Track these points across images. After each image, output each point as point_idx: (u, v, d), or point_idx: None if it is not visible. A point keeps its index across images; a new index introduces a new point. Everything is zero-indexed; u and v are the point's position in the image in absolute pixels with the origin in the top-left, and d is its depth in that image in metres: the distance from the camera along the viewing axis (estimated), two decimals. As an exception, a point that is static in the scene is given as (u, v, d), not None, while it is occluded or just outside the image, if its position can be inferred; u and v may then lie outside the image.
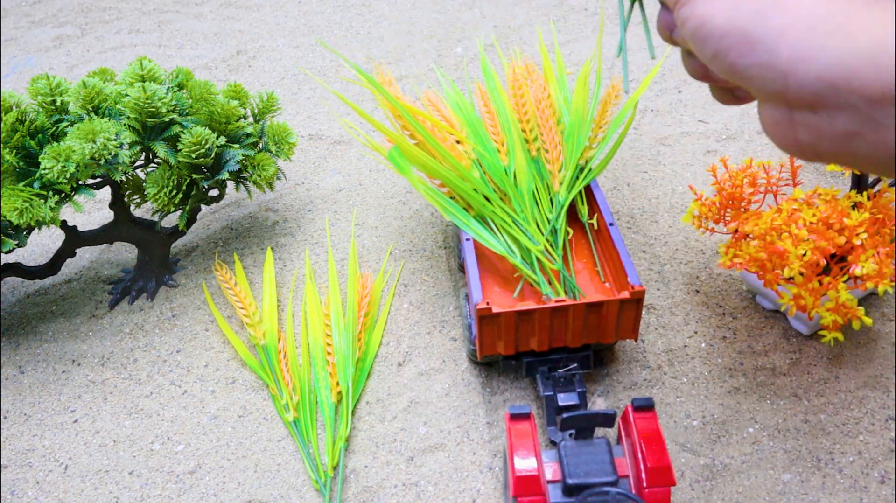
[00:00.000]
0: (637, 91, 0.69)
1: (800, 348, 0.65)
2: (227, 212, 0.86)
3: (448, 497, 0.56)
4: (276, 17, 1.27)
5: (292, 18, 1.26)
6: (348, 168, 0.90)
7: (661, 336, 0.67)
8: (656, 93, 0.98)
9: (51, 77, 0.65)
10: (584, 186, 0.66)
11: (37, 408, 0.66)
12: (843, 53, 0.24)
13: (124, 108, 0.64)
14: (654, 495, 0.47)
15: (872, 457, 0.56)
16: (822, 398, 0.61)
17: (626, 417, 0.51)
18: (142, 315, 0.74)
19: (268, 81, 1.09)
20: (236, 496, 0.58)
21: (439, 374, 0.65)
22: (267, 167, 0.71)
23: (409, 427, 0.61)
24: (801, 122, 0.27)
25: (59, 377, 0.69)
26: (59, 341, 0.72)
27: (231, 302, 0.71)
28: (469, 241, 0.61)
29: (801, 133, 0.27)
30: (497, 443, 0.60)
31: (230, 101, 0.69)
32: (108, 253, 0.82)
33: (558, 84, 0.73)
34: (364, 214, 0.83)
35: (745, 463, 0.57)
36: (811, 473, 0.56)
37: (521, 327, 0.56)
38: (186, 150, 0.65)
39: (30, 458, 0.62)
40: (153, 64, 0.69)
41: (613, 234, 0.61)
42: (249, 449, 0.61)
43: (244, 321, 0.68)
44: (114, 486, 0.59)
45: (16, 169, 0.62)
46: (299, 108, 1.02)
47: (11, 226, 0.63)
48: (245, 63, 1.14)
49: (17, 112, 0.62)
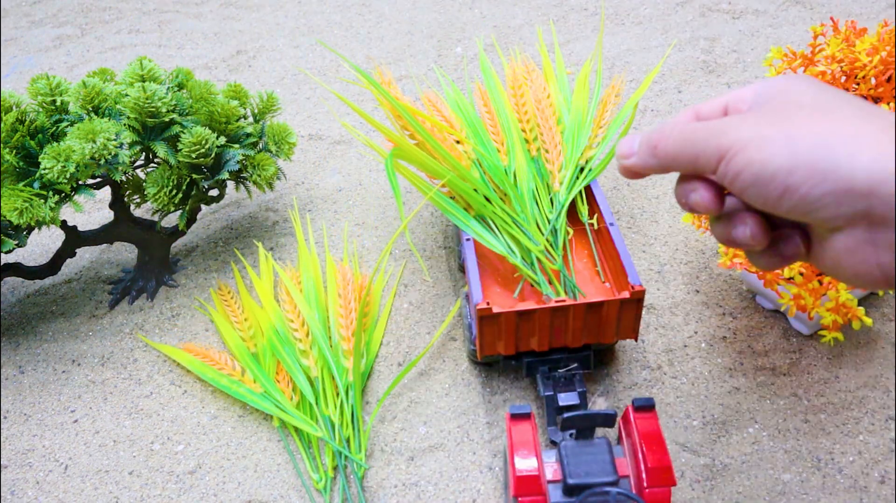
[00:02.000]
0: (637, 91, 0.69)
1: (800, 348, 0.65)
2: (227, 212, 0.86)
3: (448, 497, 0.56)
4: (276, 17, 1.27)
5: (292, 18, 1.26)
6: (348, 168, 0.90)
7: (661, 336, 0.67)
8: (656, 93, 0.98)
9: (51, 77, 0.65)
10: (584, 186, 0.66)
11: (37, 408, 0.66)
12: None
13: (124, 108, 0.64)
14: (655, 495, 0.47)
15: (872, 457, 0.56)
16: (822, 398, 0.61)
17: (627, 417, 0.51)
18: (142, 315, 0.74)
19: (268, 81, 1.09)
20: (236, 496, 0.58)
21: (439, 374, 0.65)
22: (267, 167, 0.71)
23: (409, 427, 0.61)
24: (884, 242, 0.27)
25: (59, 377, 0.69)
26: (59, 341, 0.72)
27: (228, 320, 0.71)
28: (469, 241, 0.61)
29: (884, 255, 0.27)
30: (497, 443, 0.60)
31: (230, 101, 0.69)
32: (108, 253, 0.82)
33: (558, 84, 0.73)
34: (364, 214, 0.83)
35: (745, 463, 0.57)
36: (811, 473, 0.56)
37: (521, 327, 0.56)
38: (186, 150, 0.65)
39: (30, 458, 0.62)
40: (153, 64, 0.69)
41: (613, 234, 0.61)
42: (249, 449, 0.61)
43: (240, 336, 0.68)
44: (114, 486, 0.59)
45: (16, 169, 0.62)
46: (299, 108, 1.02)
47: (11, 226, 0.63)
48: (245, 63, 1.14)
49: (17, 112, 0.62)
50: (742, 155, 0.29)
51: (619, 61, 1.06)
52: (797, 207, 0.28)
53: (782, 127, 0.28)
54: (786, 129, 0.28)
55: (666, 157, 0.32)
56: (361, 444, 0.59)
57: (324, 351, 0.63)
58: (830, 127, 0.28)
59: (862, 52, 0.60)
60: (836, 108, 0.29)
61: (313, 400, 0.61)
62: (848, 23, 0.65)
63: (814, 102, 0.29)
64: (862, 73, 0.61)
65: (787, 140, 0.28)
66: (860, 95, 0.65)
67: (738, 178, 0.29)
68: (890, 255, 0.27)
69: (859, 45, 0.60)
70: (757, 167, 0.28)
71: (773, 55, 0.66)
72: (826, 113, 0.28)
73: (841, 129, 0.27)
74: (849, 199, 0.27)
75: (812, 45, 0.65)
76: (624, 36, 1.12)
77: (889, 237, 0.27)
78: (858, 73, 0.61)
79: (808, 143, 0.27)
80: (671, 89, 0.98)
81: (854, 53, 0.61)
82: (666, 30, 1.12)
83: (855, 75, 0.62)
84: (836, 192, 0.27)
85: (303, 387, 0.62)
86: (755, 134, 0.29)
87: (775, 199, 0.28)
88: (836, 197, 0.27)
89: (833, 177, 0.27)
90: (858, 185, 0.26)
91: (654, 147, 0.33)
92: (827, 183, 0.27)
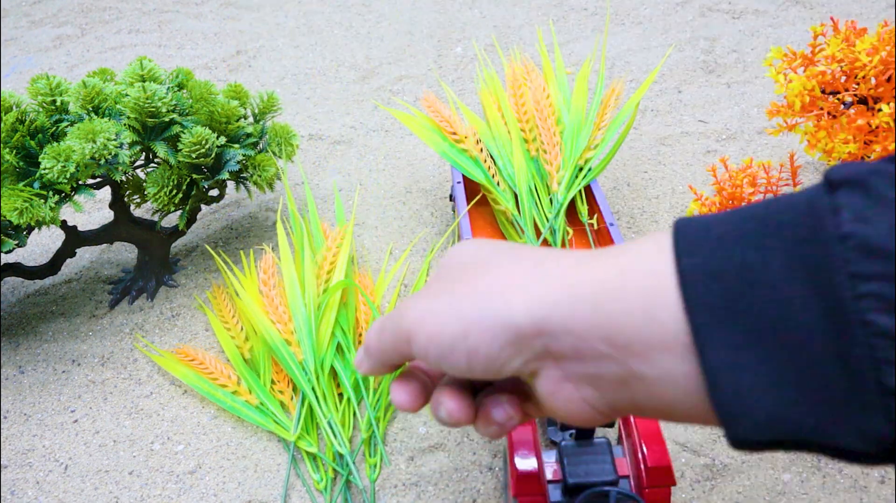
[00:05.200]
0: (637, 91, 0.69)
1: (800, 348, 0.65)
2: (227, 212, 0.86)
3: (448, 497, 0.56)
4: (276, 17, 1.27)
5: (292, 18, 1.26)
6: (348, 168, 0.90)
7: (661, 336, 0.67)
8: (656, 93, 0.98)
9: (51, 77, 0.65)
10: (584, 186, 0.66)
11: (37, 408, 0.66)
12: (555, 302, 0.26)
13: (124, 108, 0.64)
14: (655, 495, 0.47)
15: (872, 457, 0.56)
16: (822, 398, 0.61)
17: (627, 417, 0.51)
18: (142, 315, 0.74)
19: (268, 81, 1.09)
20: (236, 496, 0.58)
21: (439, 374, 0.65)
22: (267, 168, 0.71)
23: (409, 427, 0.61)
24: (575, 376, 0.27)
25: (59, 377, 0.69)
26: (59, 341, 0.72)
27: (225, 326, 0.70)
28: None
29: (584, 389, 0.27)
30: (497, 443, 0.60)
31: (230, 101, 0.69)
32: (108, 253, 0.82)
33: (558, 84, 0.73)
34: (364, 214, 0.83)
35: (745, 463, 0.57)
36: (811, 473, 0.56)
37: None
38: (186, 150, 0.65)
39: (30, 458, 0.62)
40: (153, 64, 0.69)
41: (613, 234, 0.61)
42: (249, 449, 0.61)
43: (235, 343, 0.68)
44: (114, 486, 0.59)
45: (16, 169, 0.62)
46: (299, 108, 1.02)
47: (11, 226, 0.63)
48: (245, 63, 1.14)
49: (17, 112, 0.62)
50: (422, 332, 0.28)
51: (620, 61, 1.06)
52: (489, 368, 0.27)
53: (448, 295, 0.28)
54: (451, 297, 0.28)
55: (375, 353, 0.32)
56: (377, 449, 0.59)
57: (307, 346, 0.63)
58: (487, 282, 0.28)
59: (862, 52, 0.60)
60: (495, 263, 0.29)
61: (315, 403, 0.61)
62: (848, 23, 0.65)
63: (475, 261, 0.29)
64: (862, 73, 0.61)
65: (453, 307, 0.28)
66: (860, 95, 0.65)
67: (427, 354, 0.29)
68: (588, 389, 0.27)
69: (859, 45, 0.60)
70: (436, 339, 0.28)
71: (773, 55, 0.66)
72: (484, 268, 0.29)
73: (496, 281, 0.27)
74: (525, 344, 0.26)
75: (812, 45, 0.65)
76: (624, 36, 1.12)
77: (578, 369, 0.26)
78: (858, 73, 0.61)
79: (470, 304, 0.27)
80: (671, 89, 0.98)
81: (854, 53, 0.61)
82: (666, 30, 1.12)
83: (855, 75, 0.62)
84: (511, 341, 0.26)
85: (304, 388, 0.62)
86: (427, 308, 0.29)
87: (465, 364, 0.28)
88: (513, 346, 0.27)
89: (501, 328, 0.26)
90: (525, 329, 0.26)
91: (368, 348, 0.32)
92: (499, 336, 0.27)
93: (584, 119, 0.70)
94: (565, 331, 0.25)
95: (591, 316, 0.25)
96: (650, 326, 0.24)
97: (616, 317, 0.25)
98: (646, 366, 0.24)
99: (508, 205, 0.65)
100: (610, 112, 0.70)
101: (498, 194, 0.66)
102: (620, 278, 0.25)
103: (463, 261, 0.30)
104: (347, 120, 0.99)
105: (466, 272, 0.29)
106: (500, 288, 0.27)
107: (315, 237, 0.74)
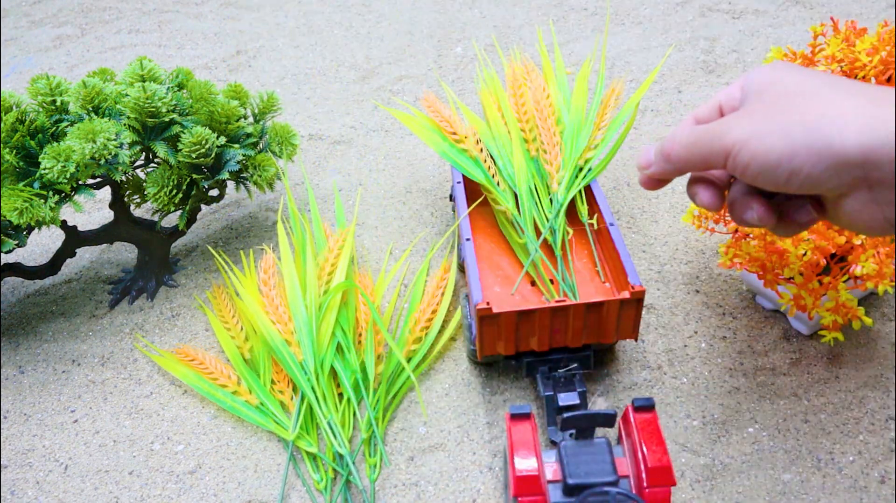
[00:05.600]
0: (637, 91, 0.69)
1: (800, 348, 0.65)
2: (227, 212, 0.86)
3: (448, 497, 0.56)
4: (276, 17, 1.27)
5: (292, 18, 1.26)
6: (348, 168, 0.90)
7: (661, 336, 0.67)
8: (656, 93, 0.98)
9: (51, 77, 0.65)
10: (583, 186, 0.66)
11: (37, 408, 0.66)
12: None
13: (124, 108, 0.64)
14: (655, 495, 0.47)
15: (872, 457, 0.56)
16: (822, 398, 0.61)
17: (627, 417, 0.51)
18: (142, 315, 0.74)
19: (268, 81, 1.09)
20: (236, 496, 0.58)
21: (439, 374, 0.65)
22: (267, 168, 0.71)
23: (409, 427, 0.61)
24: (884, 200, 0.31)
25: (59, 377, 0.69)
26: (59, 341, 0.72)
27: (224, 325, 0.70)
28: (469, 241, 0.62)
29: (888, 210, 0.32)
30: (497, 443, 0.60)
31: (230, 101, 0.69)
32: (108, 253, 0.82)
33: (558, 84, 0.73)
34: (364, 214, 0.83)
35: (745, 463, 0.57)
36: (811, 473, 0.56)
37: (521, 327, 0.56)
38: (186, 150, 0.65)
39: (30, 458, 0.62)
40: (153, 64, 0.69)
41: (613, 234, 0.61)
42: (249, 449, 0.61)
43: (235, 343, 0.68)
44: (114, 486, 0.59)
45: (16, 169, 0.62)
46: (299, 107, 1.02)
47: (11, 226, 0.63)
48: (245, 63, 1.14)
49: (17, 112, 0.62)
50: (745, 151, 0.33)
51: (620, 61, 1.06)
52: (804, 185, 0.32)
53: (775, 119, 0.32)
54: (779, 120, 0.32)
55: (679, 162, 0.37)
56: (377, 448, 0.59)
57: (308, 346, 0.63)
58: (818, 110, 0.31)
59: (862, 52, 0.60)
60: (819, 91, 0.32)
61: (315, 403, 0.61)
62: (848, 23, 0.65)
63: (798, 89, 0.33)
64: (862, 73, 0.61)
65: (782, 130, 0.32)
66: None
67: (747, 170, 0.33)
68: (892, 210, 0.31)
69: (859, 45, 0.60)
70: (762, 159, 0.32)
71: (773, 55, 0.66)
72: (811, 97, 0.32)
73: (827, 110, 0.31)
74: (847, 170, 0.31)
75: (812, 45, 0.65)
76: (624, 36, 1.12)
77: (889, 195, 0.31)
78: (858, 73, 0.61)
79: (801, 129, 0.31)
80: (671, 89, 0.98)
81: (854, 53, 0.61)
82: (666, 30, 1.12)
83: (855, 75, 0.62)
84: (834, 166, 0.31)
85: (303, 388, 0.62)
86: (753, 129, 0.33)
87: (784, 182, 0.32)
88: (835, 171, 0.31)
89: (828, 154, 0.31)
90: (852, 157, 0.30)
91: (668, 155, 0.38)
92: (825, 160, 0.31)
93: (584, 119, 0.70)
94: (889, 162, 0.30)
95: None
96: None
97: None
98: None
99: (508, 205, 0.65)
100: (610, 112, 0.70)
101: (498, 194, 0.66)
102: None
103: (786, 89, 0.33)
104: (347, 120, 0.99)
105: (790, 98, 0.33)
106: (832, 118, 0.31)
107: (317, 237, 0.74)
